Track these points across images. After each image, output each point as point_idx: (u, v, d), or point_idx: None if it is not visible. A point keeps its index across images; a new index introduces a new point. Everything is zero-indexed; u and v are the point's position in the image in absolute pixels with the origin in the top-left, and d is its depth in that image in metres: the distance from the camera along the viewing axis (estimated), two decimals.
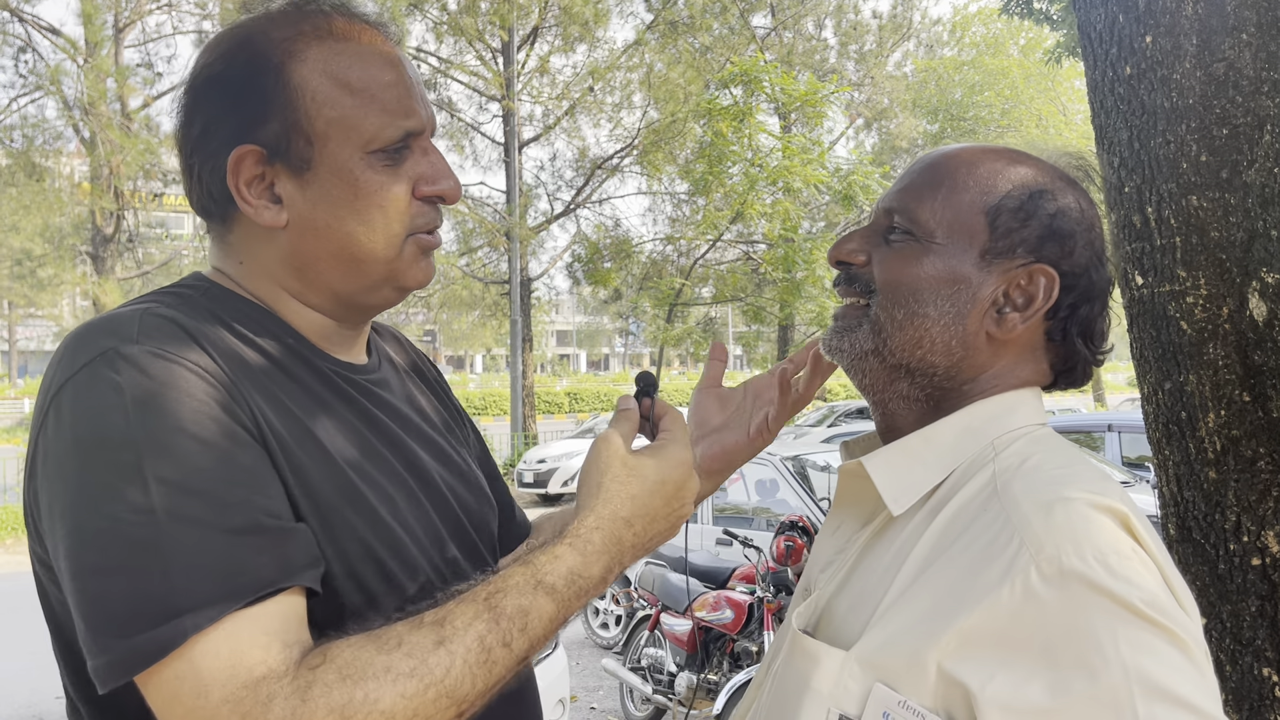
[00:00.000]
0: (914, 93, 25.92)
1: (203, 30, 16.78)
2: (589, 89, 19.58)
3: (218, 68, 0.96)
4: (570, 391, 42.19)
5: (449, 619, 0.82)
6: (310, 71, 0.95)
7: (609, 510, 0.92)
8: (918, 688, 0.79)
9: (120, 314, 0.90)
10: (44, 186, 15.70)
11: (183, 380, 0.85)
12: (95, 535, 0.79)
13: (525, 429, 19.23)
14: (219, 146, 0.95)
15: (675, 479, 0.97)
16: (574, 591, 0.88)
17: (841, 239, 1.01)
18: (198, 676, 0.76)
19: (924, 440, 0.94)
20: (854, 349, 0.98)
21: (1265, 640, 1.67)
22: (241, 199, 0.96)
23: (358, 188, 0.96)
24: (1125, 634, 0.72)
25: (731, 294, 19.54)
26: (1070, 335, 0.95)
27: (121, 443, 0.80)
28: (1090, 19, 1.89)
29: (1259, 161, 1.65)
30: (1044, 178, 0.96)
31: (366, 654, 0.79)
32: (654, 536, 0.96)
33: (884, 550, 0.91)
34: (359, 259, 0.98)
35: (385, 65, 0.98)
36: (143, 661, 0.76)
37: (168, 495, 0.79)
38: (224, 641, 0.77)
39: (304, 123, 0.94)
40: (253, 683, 0.76)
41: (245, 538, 0.81)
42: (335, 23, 0.98)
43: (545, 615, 0.86)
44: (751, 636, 5.14)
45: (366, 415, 1.02)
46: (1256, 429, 1.67)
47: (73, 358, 0.86)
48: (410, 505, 1.00)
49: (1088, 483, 0.82)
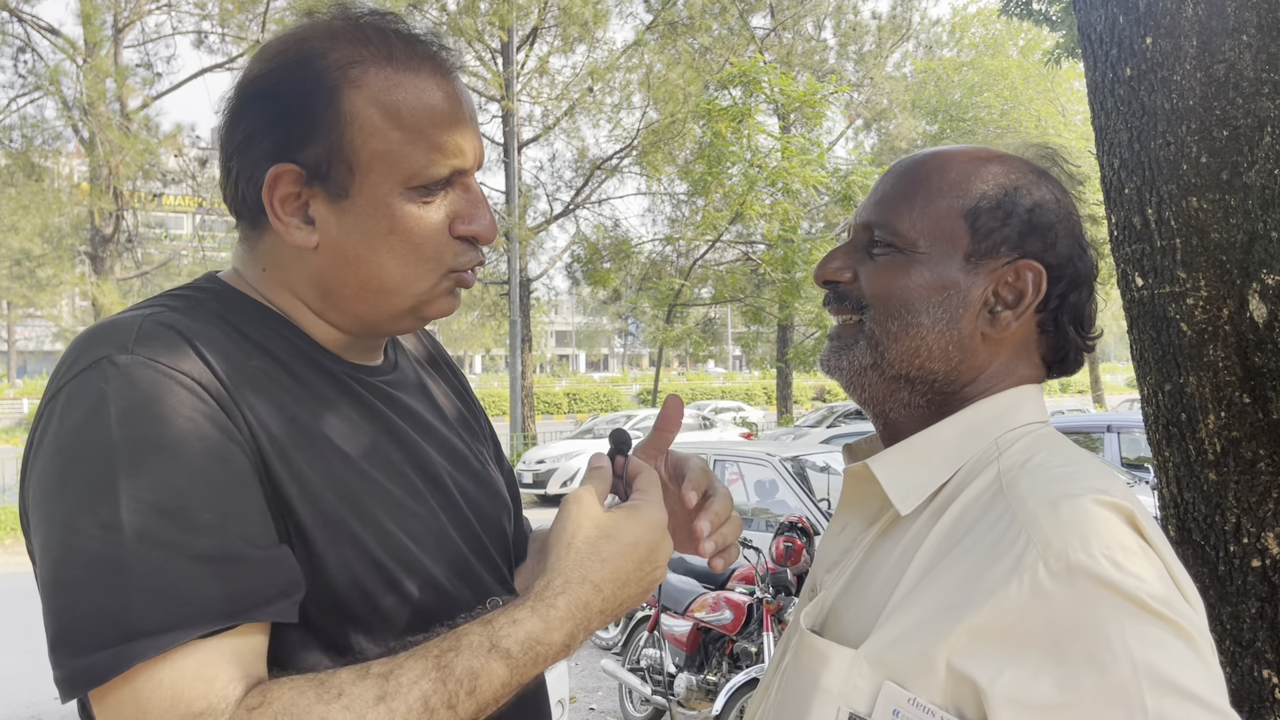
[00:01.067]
0: (913, 93, 25.92)
1: (202, 30, 16.78)
2: (588, 89, 19.58)
3: (270, 81, 0.95)
4: (569, 392, 42.21)
5: (395, 673, 0.80)
6: (363, 101, 0.93)
7: (578, 573, 0.88)
8: (927, 685, 0.79)
9: (121, 320, 0.89)
10: (43, 187, 15.69)
11: (171, 395, 0.83)
12: (63, 548, 0.79)
13: (524, 429, 19.23)
14: (260, 158, 0.94)
15: (649, 541, 0.92)
16: (530, 658, 0.84)
17: (825, 259, 1.02)
18: (138, 704, 0.76)
19: (928, 440, 0.94)
20: (853, 365, 0.98)
21: (1265, 642, 1.67)
22: (274, 215, 0.94)
23: (394, 221, 0.94)
24: (1133, 628, 0.73)
25: (731, 294, 19.57)
26: (1062, 324, 0.96)
27: (100, 457, 0.80)
28: (1090, 20, 1.89)
29: (1259, 163, 1.65)
30: (1015, 174, 0.96)
31: (305, 701, 0.77)
32: (624, 601, 0.92)
33: (890, 549, 0.91)
34: (388, 290, 0.96)
35: (442, 100, 0.96)
36: (90, 681, 0.76)
37: (139, 514, 0.78)
38: (169, 672, 0.76)
39: (348, 151, 0.93)
40: (191, 717, 0.75)
41: (213, 565, 0.80)
42: (396, 49, 0.96)
43: (497, 680, 0.82)
44: (751, 637, 5.14)
45: (378, 417, 1.01)
46: (1257, 431, 1.67)
47: (70, 363, 0.86)
48: (418, 509, 0.99)
49: (1093, 480, 0.83)
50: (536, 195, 21.01)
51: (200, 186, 17.51)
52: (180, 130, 16.55)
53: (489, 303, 22.42)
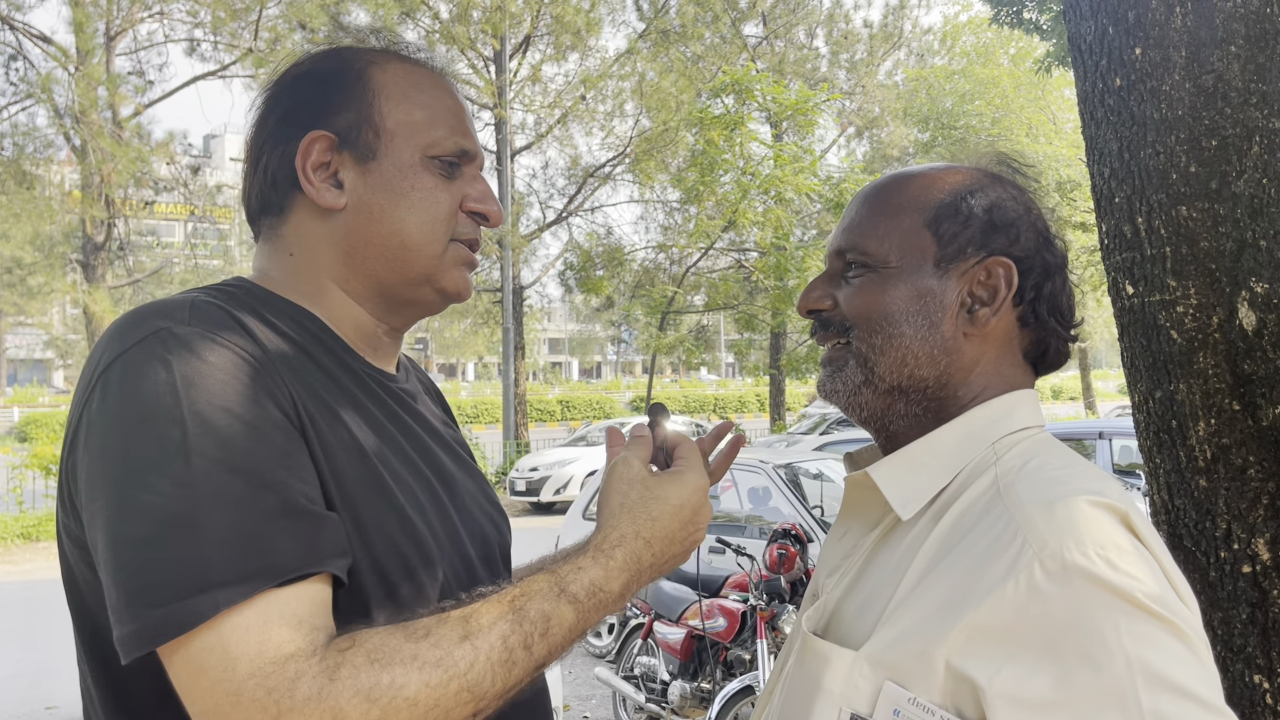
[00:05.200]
0: (905, 101, 25.99)
1: (194, 38, 16.76)
2: (581, 97, 19.61)
3: (304, 67, 1.07)
4: (563, 399, 42.15)
5: (475, 616, 0.85)
6: (388, 78, 1.06)
7: (632, 529, 0.96)
8: (927, 684, 0.80)
9: (171, 300, 0.94)
10: (34, 194, 15.62)
11: (231, 363, 0.88)
12: (136, 507, 0.81)
13: (517, 437, 19.20)
14: (294, 131, 1.03)
15: (693, 503, 1.00)
16: (594, 603, 0.91)
17: (805, 291, 1.06)
18: (225, 650, 0.77)
19: (926, 447, 0.96)
20: (847, 385, 1.01)
21: (1256, 647, 1.68)
22: (306, 179, 1.02)
23: (415, 182, 1.04)
24: (1128, 626, 0.74)
25: (724, 302, 19.57)
26: (1042, 315, 0.99)
27: (168, 418, 0.83)
28: (1080, 31, 1.91)
29: (1248, 172, 1.66)
30: (969, 179, 1.01)
31: (395, 640, 0.81)
32: (670, 559, 0.99)
33: (891, 553, 0.93)
34: (406, 247, 1.04)
35: (450, 95, 1.09)
36: (172, 630, 0.78)
37: (210, 472, 0.82)
38: (254, 618, 0.78)
39: (376, 117, 1.04)
40: (281, 660, 0.77)
41: (282, 520, 0.83)
42: (409, 55, 1.10)
43: (566, 623, 0.88)
44: (745, 645, 5.14)
45: (396, 418, 1.05)
46: (1246, 437, 1.68)
47: (124, 336, 0.89)
48: (433, 505, 1.02)
49: (1088, 481, 0.85)
50: (529, 203, 21.03)
51: (192, 194, 17.49)
52: (172, 138, 16.52)
53: (482, 310, 22.40)
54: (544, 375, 61.71)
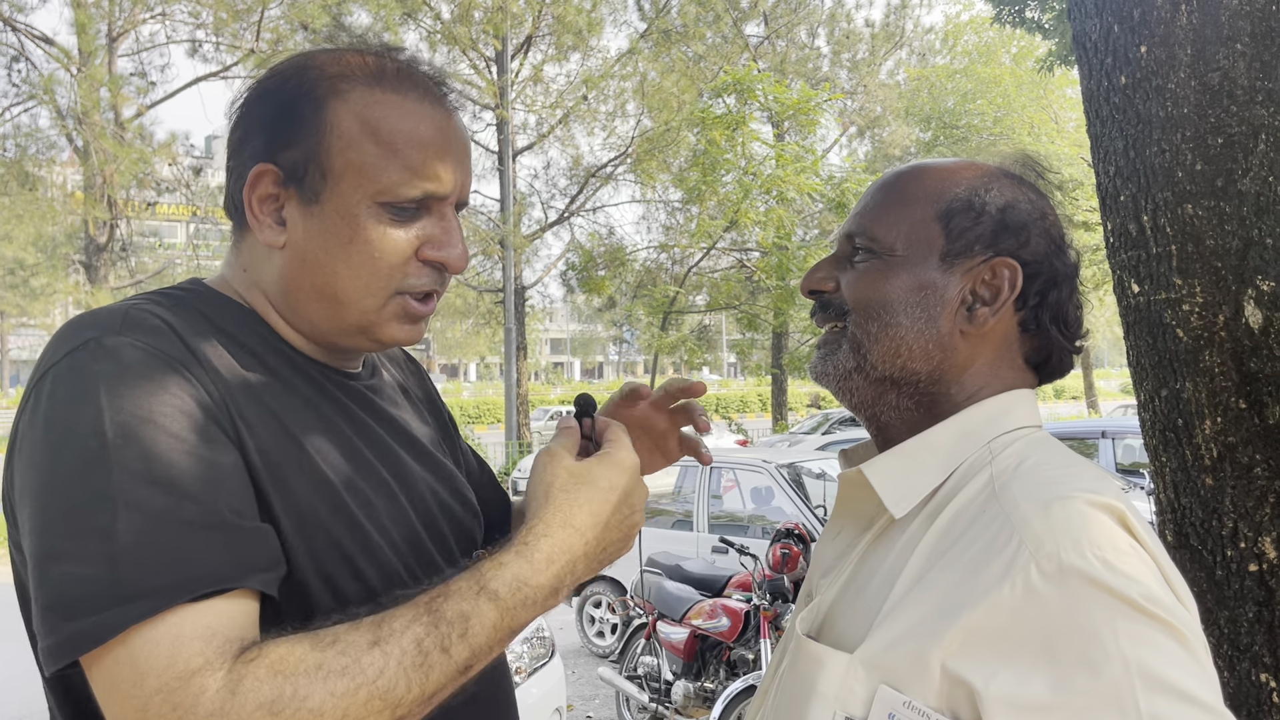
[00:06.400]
0: (906, 101, 25.98)
1: (196, 39, 16.77)
2: (583, 98, 19.60)
3: (271, 85, 1.00)
4: (564, 400, 42.15)
5: (387, 621, 0.82)
6: (346, 112, 0.96)
7: (559, 518, 0.91)
8: (922, 688, 0.79)
9: (106, 309, 0.93)
10: (37, 196, 15.64)
11: (160, 373, 0.86)
12: (55, 519, 0.80)
13: (519, 437, 19.20)
14: (248, 158, 0.98)
15: (623, 484, 0.96)
16: (519, 600, 0.87)
17: (810, 271, 1.05)
18: (134, 665, 0.76)
19: (921, 444, 0.95)
20: (838, 369, 1.00)
21: (1262, 646, 1.68)
22: (250, 212, 0.98)
23: (356, 232, 0.96)
24: (1125, 628, 0.73)
25: (726, 301, 19.58)
26: (1044, 323, 0.98)
27: (90, 431, 0.82)
28: (1085, 29, 1.91)
29: (1254, 170, 1.66)
30: (987, 177, 0.99)
31: (300, 650, 0.79)
32: (606, 546, 0.95)
33: (885, 553, 0.92)
34: (339, 300, 0.98)
35: (425, 125, 0.98)
36: (85, 644, 0.77)
37: (129, 484, 0.80)
38: (165, 633, 0.77)
39: (323, 157, 0.96)
40: (187, 675, 0.76)
41: (201, 533, 0.82)
42: (388, 72, 0.99)
43: (488, 622, 0.85)
44: (748, 644, 5.14)
45: (353, 419, 1.03)
46: (1253, 436, 1.68)
47: (56, 347, 0.88)
48: (390, 508, 1.00)
49: (1085, 481, 0.84)
50: (531, 203, 21.02)
51: (194, 195, 17.50)
52: (174, 139, 16.52)
53: (484, 310, 22.40)
54: (546, 375, 61.73)
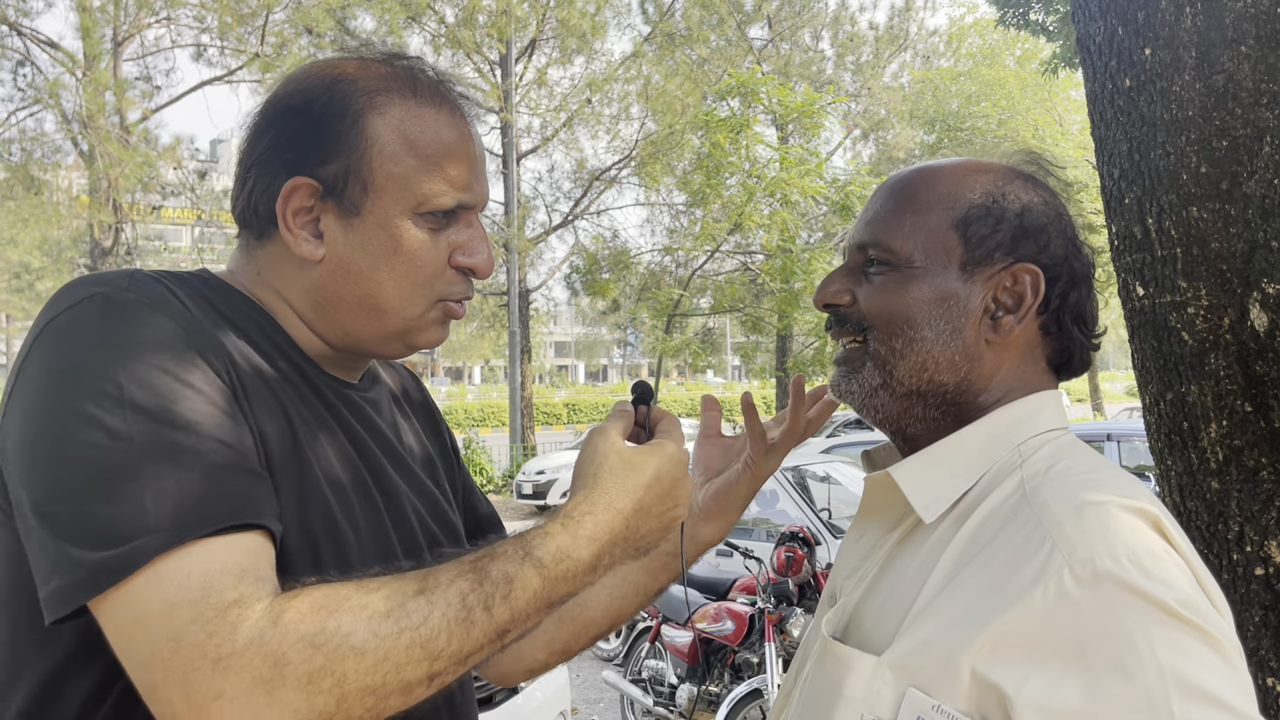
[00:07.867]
0: (911, 103, 25.96)
1: (201, 44, 16.80)
2: (587, 101, 19.61)
3: (300, 99, 0.99)
4: (569, 403, 42.13)
5: (433, 573, 0.82)
6: (385, 126, 0.98)
7: (604, 500, 0.92)
8: (952, 692, 0.79)
9: (112, 271, 0.92)
10: (42, 200, 15.67)
11: (167, 328, 0.87)
12: (67, 462, 0.79)
13: (524, 440, 19.20)
14: (278, 170, 0.98)
15: (670, 475, 0.96)
16: (561, 571, 0.87)
17: (823, 283, 1.03)
18: (165, 597, 0.75)
19: (950, 448, 0.94)
20: (863, 388, 0.98)
21: (1269, 650, 1.67)
22: (285, 226, 0.98)
23: (399, 243, 0.98)
24: (1160, 634, 0.72)
25: (730, 304, 19.54)
26: (1065, 324, 0.97)
27: (104, 376, 0.81)
28: (1089, 32, 1.90)
29: (1259, 173, 1.66)
30: (1002, 180, 0.98)
31: (345, 590, 0.79)
32: (647, 534, 0.95)
33: (911, 556, 0.91)
34: (382, 309, 1.00)
35: (457, 138, 1.01)
36: (109, 579, 0.75)
37: (147, 424, 0.80)
38: (195, 564, 0.76)
39: (365, 172, 0.97)
40: (223, 607, 0.75)
41: (221, 472, 0.81)
42: (421, 85, 1.01)
43: (530, 588, 0.85)
44: (752, 648, 5.13)
45: (349, 429, 1.02)
46: (1259, 439, 1.67)
47: (60, 301, 0.87)
48: (367, 512, 1.00)
49: (1117, 485, 0.83)
50: (535, 206, 21.04)
51: (199, 199, 17.52)
52: (179, 142, 16.54)
53: (488, 314, 22.42)
54: (550, 378, 61.71)
